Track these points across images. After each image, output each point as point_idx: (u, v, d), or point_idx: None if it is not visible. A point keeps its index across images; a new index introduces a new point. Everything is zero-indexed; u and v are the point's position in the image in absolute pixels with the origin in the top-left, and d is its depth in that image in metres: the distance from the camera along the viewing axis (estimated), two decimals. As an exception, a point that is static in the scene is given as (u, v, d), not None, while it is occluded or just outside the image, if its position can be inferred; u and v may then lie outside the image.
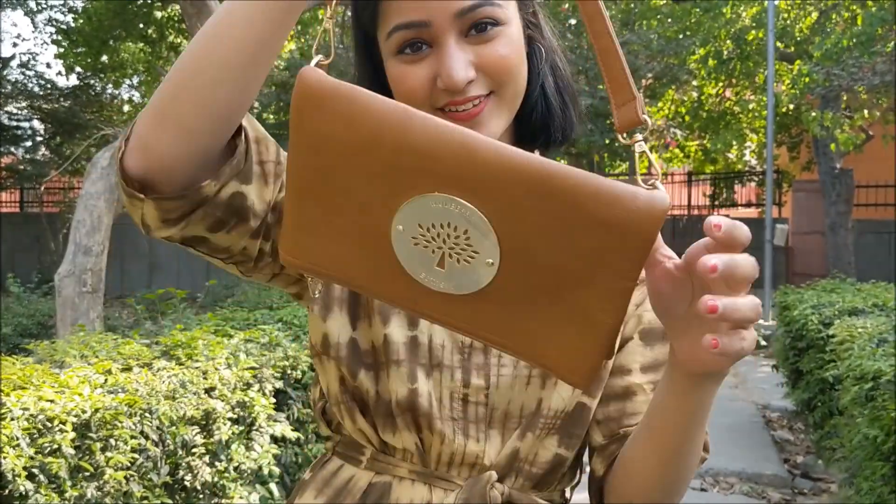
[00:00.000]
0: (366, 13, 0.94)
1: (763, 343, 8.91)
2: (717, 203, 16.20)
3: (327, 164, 0.71)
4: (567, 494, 1.03)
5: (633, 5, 12.91)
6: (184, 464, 2.70)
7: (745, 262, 0.67)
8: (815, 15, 11.55)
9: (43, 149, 14.98)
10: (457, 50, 0.88)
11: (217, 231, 0.87)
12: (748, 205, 16.87)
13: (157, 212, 0.83)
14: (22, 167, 14.85)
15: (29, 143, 14.70)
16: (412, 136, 0.68)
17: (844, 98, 9.75)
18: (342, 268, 0.75)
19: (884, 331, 3.63)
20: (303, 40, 14.50)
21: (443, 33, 0.88)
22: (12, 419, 2.08)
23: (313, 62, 0.75)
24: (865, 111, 9.54)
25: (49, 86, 14.18)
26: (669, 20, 12.30)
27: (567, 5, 12.04)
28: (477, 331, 0.73)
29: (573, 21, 11.76)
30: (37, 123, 14.86)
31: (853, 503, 3.19)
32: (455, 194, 0.67)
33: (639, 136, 0.75)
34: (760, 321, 6.54)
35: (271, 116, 13.80)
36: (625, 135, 0.77)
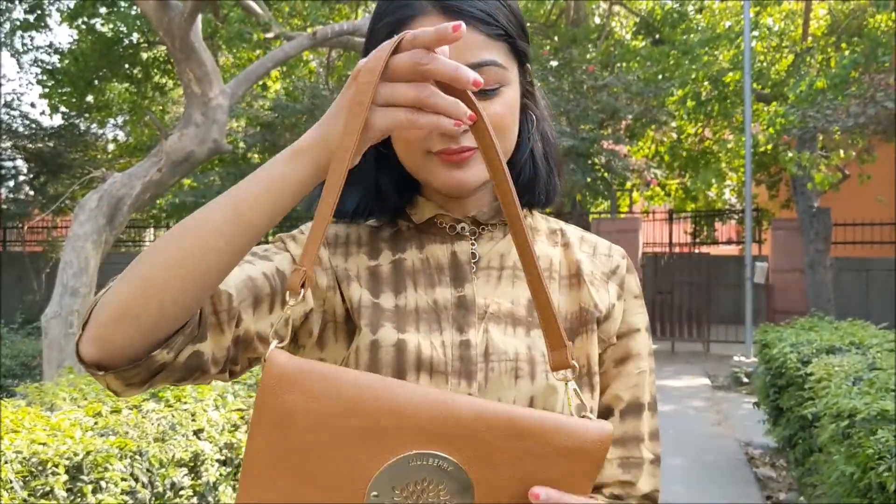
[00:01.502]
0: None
1: (745, 380, 8.97)
2: (697, 240, 16.37)
3: (297, 442, 0.73)
4: None
5: (612, 48, 13.16)
6: (172, 506, 2.72)
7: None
8: (790, 57, 11.82)
9: (26, 188, 14.96)
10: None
11: (182, 382, 0.93)
12: (728, 242, 17.06)
13: (119, 380, 0.88)
14: (5, 206, 14.82)
15: (12, 183, 14.70)
16: (393, 397, 0.73)
17: (820, 138, 9.95)
18: None
19: (859, 369, 3.70)
20: (288, 81, 14.63)
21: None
22: (6, 462, 2.11)
23: (272, 346, 0.79)
24: (841, 151, 9.73)
25: (34, 125, 14.22)
26: (648, 62, 12.53)
27: (548, 48, 12.26)
28: None
29: (554, 63, 11.96)
30: (20, 163, 14.87)
31: (833, 540, 3.23)
32: (433, 449, 0.73)
33: (570, 375, 0.85)
34: (742, 357, 6.56)
35: (256, 156, 13.87)
36: (556, 373, 0.86)
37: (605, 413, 1.05)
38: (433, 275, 1.01)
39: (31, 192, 14.68)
